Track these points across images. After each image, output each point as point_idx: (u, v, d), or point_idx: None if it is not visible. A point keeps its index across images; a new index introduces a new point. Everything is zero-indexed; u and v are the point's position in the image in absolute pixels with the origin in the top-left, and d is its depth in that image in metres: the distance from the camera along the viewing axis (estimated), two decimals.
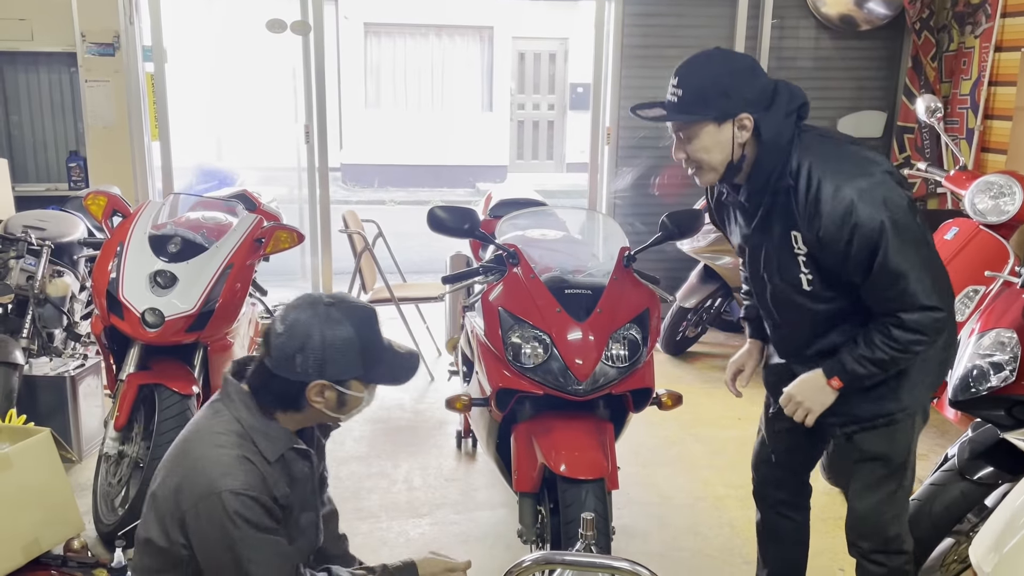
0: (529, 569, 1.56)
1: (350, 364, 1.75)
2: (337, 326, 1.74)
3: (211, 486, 1.67)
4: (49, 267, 3.72)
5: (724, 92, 1.85)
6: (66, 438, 3.41)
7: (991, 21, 4.80)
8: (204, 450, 1.73)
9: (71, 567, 2.60)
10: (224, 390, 1.82)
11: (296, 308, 1.77)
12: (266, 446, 1.76)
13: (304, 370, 1.73)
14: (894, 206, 1.82)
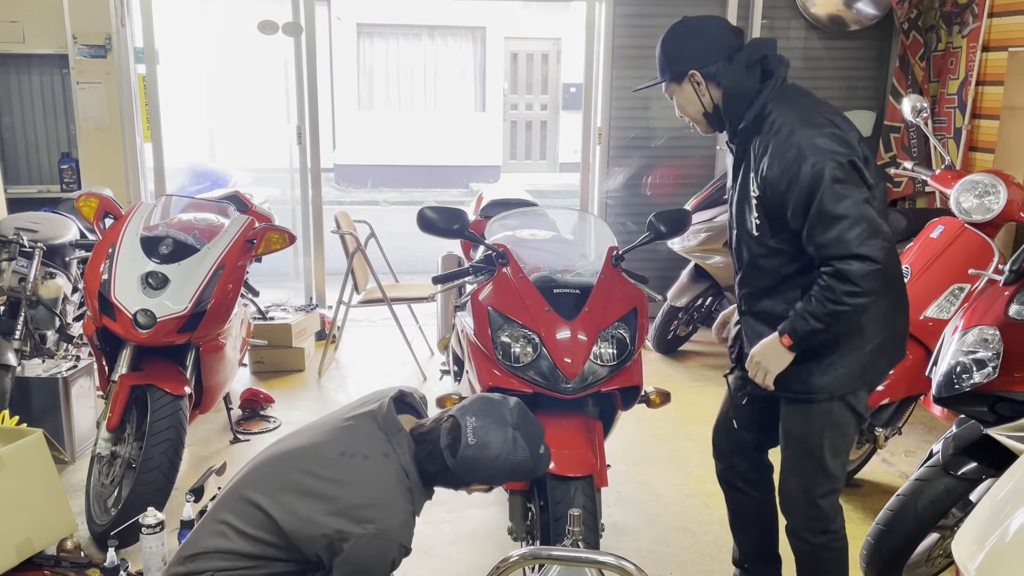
0: (516, 564, 1.59)
1: (517, 478, 2.04)
2: (522, 453, 1.94)
3: (388, 532, 1.86)
4: (41, 269, 3.72)
5: (669, 58, 2.16)
6: (59, 439, 3.42)
7: (978, 21, 4.84)
8: (387, 489, 1.91)
9: (64, 567, 2.62)
10: (392, 433, 1.98)
11: (488, 425, 1.94)
12: (419, 503, 1.98)
13: (482, 480, 1.98)
14: (839, 158, 1.96)
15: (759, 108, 2.07)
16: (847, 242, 1.94)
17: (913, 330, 3.15)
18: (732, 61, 2.08)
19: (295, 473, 1.93)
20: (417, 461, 1.96)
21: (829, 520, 2.25)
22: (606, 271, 2.57)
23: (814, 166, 1.95)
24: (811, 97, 2.14)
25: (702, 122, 2.21)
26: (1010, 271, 2.47)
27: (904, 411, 3.28)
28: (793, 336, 2.06)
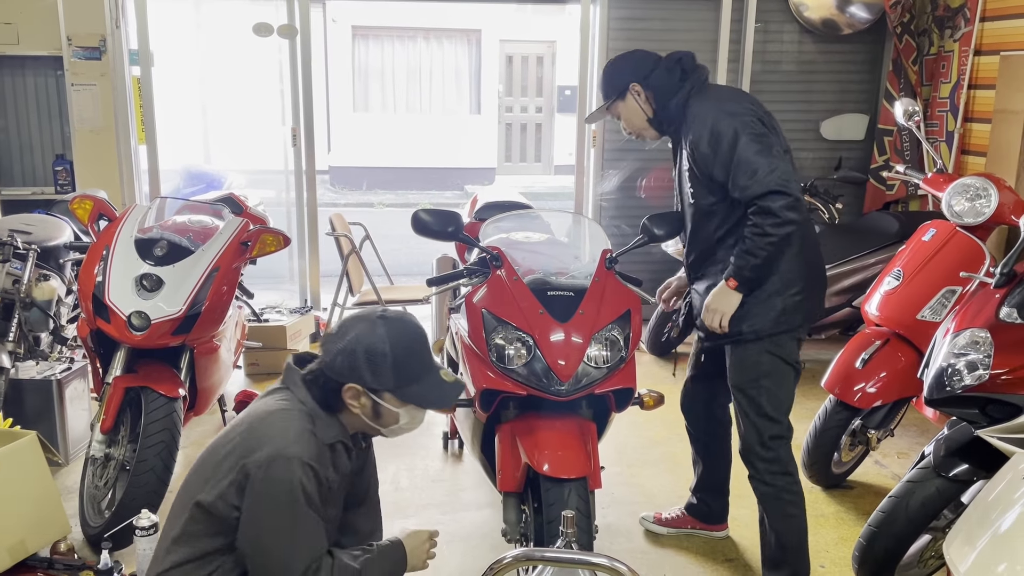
0: (509, 566, 1.59)
1: (382, 375, 1.87)
2: (377, 336, 1.87)
3: (284, 450, 1.78)
4: (35, 271, 3.72)
5: (612, 80, 2.62)
6: (52, 441, 3.42)
7: (970, 25, 4.87)
8: (275, 420, 1.85)
9: (57, 569, 2.61)
10: (288, 377, 1.96)
11: (354, 317, 1.94)
12: (323, 430, 1.89)
13: (341, 371, 1.87)
14: (747, 120, 2.41)
15: (682, 100, 2.52)
16: (765, 181, 2.34)
17: (905, 332, 3.18)
18: (657, 67, 2.56)
19: (208, 458, 1.89)
20: (311, 392, 1.92)
21: (785, 463, 2.58)
22: (600, 273, 2.58)
23: (731, 126, 2.39)
24: (726, 88, 2.66)
25: (648, 129, 2.64)
26: (1001, 274, 2.49)
27: (896, 413, 3.29)
28: (738, 277, 2.45)
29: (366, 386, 1.88)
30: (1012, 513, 1.94)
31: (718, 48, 5.41)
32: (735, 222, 2.49)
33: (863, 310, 3.38)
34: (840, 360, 3.24)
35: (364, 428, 1.97)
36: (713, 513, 3.09)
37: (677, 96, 2.52)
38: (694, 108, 2.49)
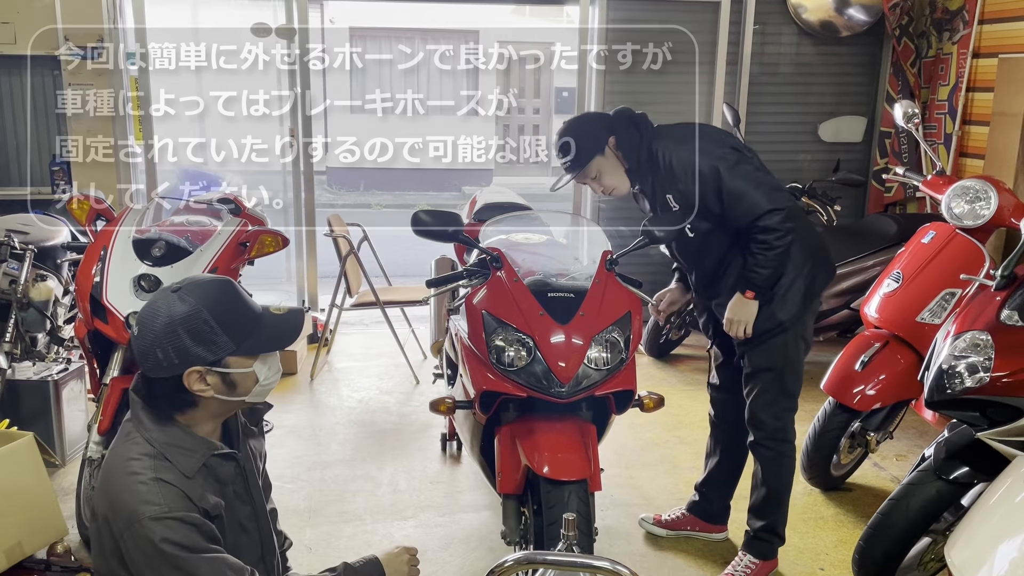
0: (511, 569, 1.58)
1: (215, 342, 1.66)
2: (187, 307, 1.64)
3: (132, 516, 1.59)
4: (32, 271, 3.70)
5: (588, 140, 2.68)
6: (49, 442, 3.40)
7: (968, 28, 4.87)
8: (121, 480, 1.64)
9: (54, 571, 2.60)
10: (132, 410, 1.73)
11: (146, 304, 1.70)
12: (182, 461, 1.67)
13: (170, 363, 1.64)
14: (720, 153, 2.57)
15: (648, 150, 2.65)
16: (758, 204, 2.52)
17: (905, 334, 3.18)
18: (616, 126, 2.68)
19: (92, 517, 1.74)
20: (150, 415, 1.70)
21: (788, 431, 2.77)
22: (600, 275, 2.58)
23: (710, 166, 2.55)
24: (678, 127, 2.73)
25: (625, 181, 2.73)
26: (1001, 276, 2.48)
27: (896, 415, 3.29)
28: (752, 287, 2.61)
29: (206, 363, 1.65)
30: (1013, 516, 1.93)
31: (716, 50, 5.41)
32: (734, 236, 2.65)
33: (862, 312, 3.38)
34: (839, 362, 3.24)
35: (225, 410, 1.77)
36: (714, 512, 3.11)
37: (642, 146, 2.66)
38: (666, 155, 2.62)
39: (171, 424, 1.70)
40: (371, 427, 4.15)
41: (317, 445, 3.91)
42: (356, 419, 4.24)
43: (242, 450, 1.85)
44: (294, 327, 1.80)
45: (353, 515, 3.29)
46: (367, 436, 4.04)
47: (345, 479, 3.58)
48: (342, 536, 3.13)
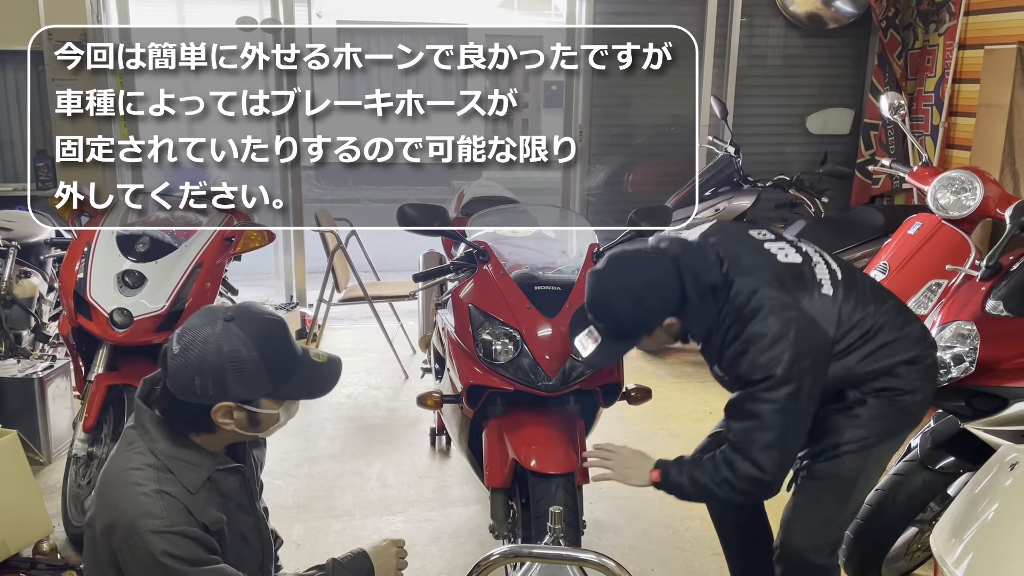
0: (497, 563, 1.58)
1: (255, 383, 1.63)
2: (237, 342, 1.60)
3: (132, 528, 1.56)
4: (16, 268, 3.68)
5: (636, 316, 2.00)
6: (35, 440, 3.38)
7: (955, 19, 4.89)
8: (121, 489, 1.61)
9: (40, 569, 2.59)
10: (137, 418, 1.70)
11: (193, 326, 1.64)
12: (187, 476, 1.65)
13: (205, 393, 1.60)
14: (777, 373, 1.89)
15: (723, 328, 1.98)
16: (751, 443, 1.93)
17: None
18: (685, 303, 1.98)
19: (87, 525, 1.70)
20: (160, 427, 1.66)
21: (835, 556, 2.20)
22: (587, 268, 2.57)
23: (756, 366, 1.91)
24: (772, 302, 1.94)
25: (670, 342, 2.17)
26: (987, 267, 2.50)
27: None
28: (664, 478, 2.10)
29: (240, 400, 1.63)
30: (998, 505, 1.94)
31: (704, 43, 5.41)
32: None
33: None
34: None
35: (235, 440, 1.73)
36: None
37: (718, 318, 1.99)
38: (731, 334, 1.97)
39: (181, 440, 1.68)
40: (360, 422, 4.14)
41: (305, 441, 3.89)
42: (345, 414, 4.23)
43: (247, 462, 1.84)
44: (331, 378, 1.78)
45: (342, 511, 3.28)
46: (356, 431, 4.03)
47: (334, 474, 3.57)
48: (331, 532, 3.12)
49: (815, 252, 2.08)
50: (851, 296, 1.99)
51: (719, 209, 4.53)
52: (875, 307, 2.02)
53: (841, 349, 1.98)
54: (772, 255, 2.02)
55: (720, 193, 4.60)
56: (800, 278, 1.98)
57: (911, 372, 2.03)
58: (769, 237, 2.10)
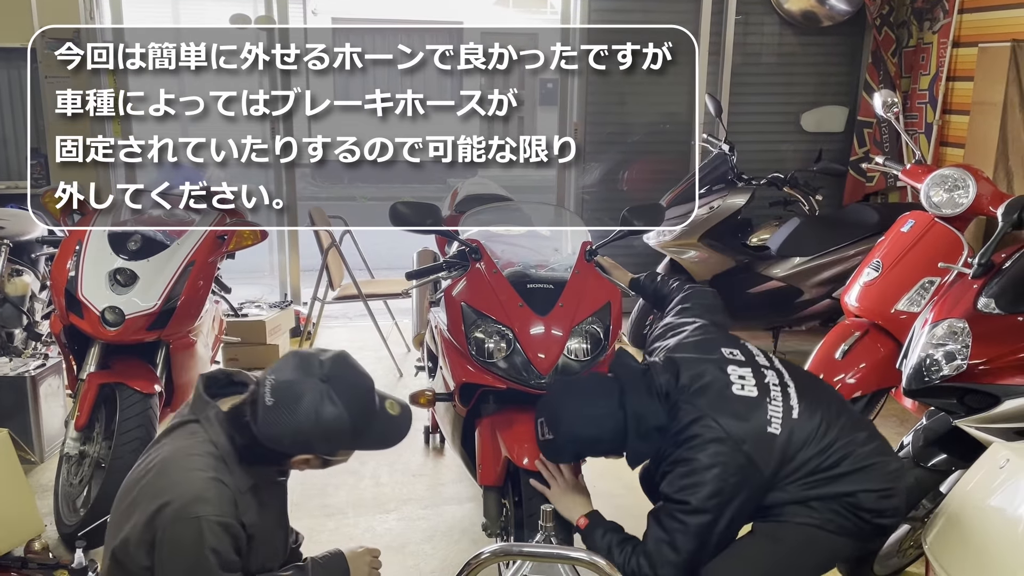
0: (488, 561, 1.58)
1: (340, 442, 1.74)
2: (332, 412, 1.67)
3: (185, 510, 1.61)
4: (8, 266, 3.66)
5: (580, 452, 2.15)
6: (26, 439, 3.37)
7: (949, 17, 4.89)
8: (181, 472, 1.67)
9: (32, 569, 2.58)
10: (201, 410, 1.76)
11: (289, 382, 1.68)
12: (239, 477, 1.72)
13: (293, 447, 1.71)
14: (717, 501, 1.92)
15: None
16: (659, 555, 1.95)
17: (884, 323, 3.19)
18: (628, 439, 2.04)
19: (122, 499, 1.76)
20: (229, 436, 1.73)
21: None
22: (580, 266, 2.57)
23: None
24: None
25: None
26: (979, 265, 2.50)
27: (876, 403, 3.30)
28: (588, 530, 2.12)
29: (321, 454, 1.74)
30: (989, 502, 1.95)
31: (698, 40, 5.40)
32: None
33: (843, 301, 3.39)
34: (820, 351, 3.25)
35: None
36: None
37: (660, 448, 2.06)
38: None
39: (237, 451, 1.74)
40: None
41: None
42: None
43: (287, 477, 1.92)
44: (401, 431, 1.88)
45: (335, 508, 3.28)
46: None
47: (327, 473, 3.54)
48: (324, 530, 3.12)
49: (778, 383, 2.03)
50: (807, 428, 1.97)
51: (714, 207, 4.53)
52: (841, 438, 1.98)
53: (786, 479, 1.96)
54: (729, 383, 2.00)
55: (715, 191, 4.59)
56: (748, 413, 1.96)
57: (877, 500, 1.98)
58: (738, 359, 2.07)
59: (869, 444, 2.01)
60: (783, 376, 2.07)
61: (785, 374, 2.08)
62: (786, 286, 4.51)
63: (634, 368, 2.11)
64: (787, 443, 1.95)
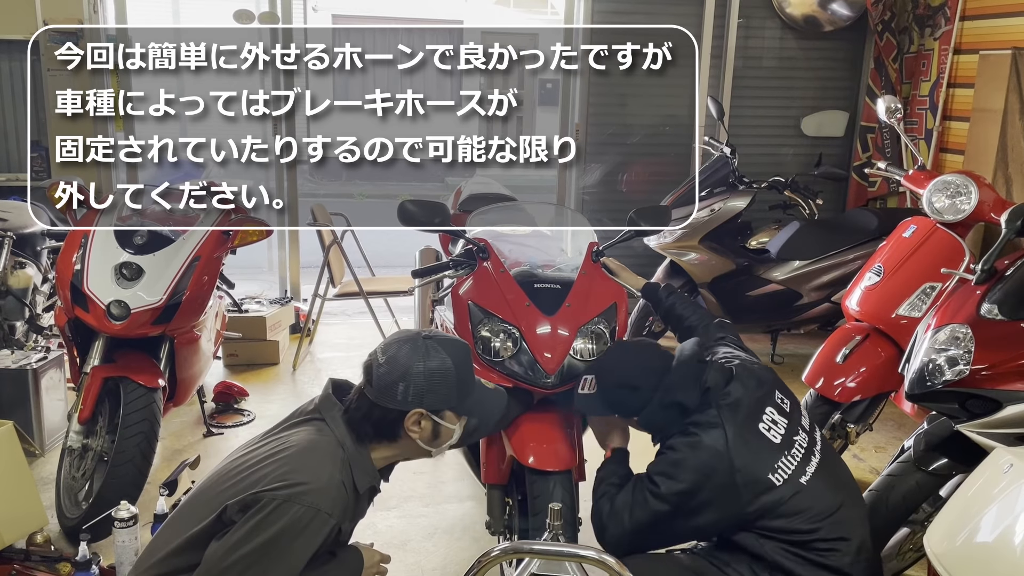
0: (498, 559, 1.59)
1: (447, 394, 1.87)
2: (437, 357, 1.86)
3: (304, 495, 1.70)
4: (11, 259, 3.66)
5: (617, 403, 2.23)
6: (28, 432, 3.37)
7: (950, 24, 4.91)
8: (317, 464, 1.78)
9: (34, 561, 2.58)
10: (326, 408, 1.90)
11: (396, 342, 1.89)
12: (359, 477, 1.84)
13: (405, 399, 1.83)
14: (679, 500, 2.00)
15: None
16: (621, 514, 2.07)
17: (885, 327, 3.21)
18: (650, 402, 2.13)
19: (241, 464, 1.84)
20: (350, 425, 1.87)
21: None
22: (586, 266, 2.58)
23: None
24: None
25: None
26: (982, 270, 2.51)
27: (875, 408, 3.32)
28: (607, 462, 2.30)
29: (431, 408, 1.86)
30: (992, 507, 1.96)
31: (701, 44, 5.42)
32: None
33: (844, 305, 3.41)
34: (821, 354, 3.27)
35: (410, 454, 1.94)
36: None
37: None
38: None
39: (361, 445, 1.87)
40: None
41: None
42: None
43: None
44: (500, 404, 2.06)
45: None
46: None
47: None
48: None
49: (805, 446, 2.04)
50: (807, 499, 1.98)
51: (714, 209, 4.55)
52: (834, 532, 1.99)
53: (765, 531, 1.99)
54: (760, 419, 2.03)
55: (715, 193, 4.61)
56: (760, 452, 1.99)
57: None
58: (783, 408, 2.10)
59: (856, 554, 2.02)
60: (814, 446, 2.09)
61: (817, 445, 2.10)
62: (785, 289, 4.53)
63: (694, 353, 2.17)
64: (780, 500, 1.97)
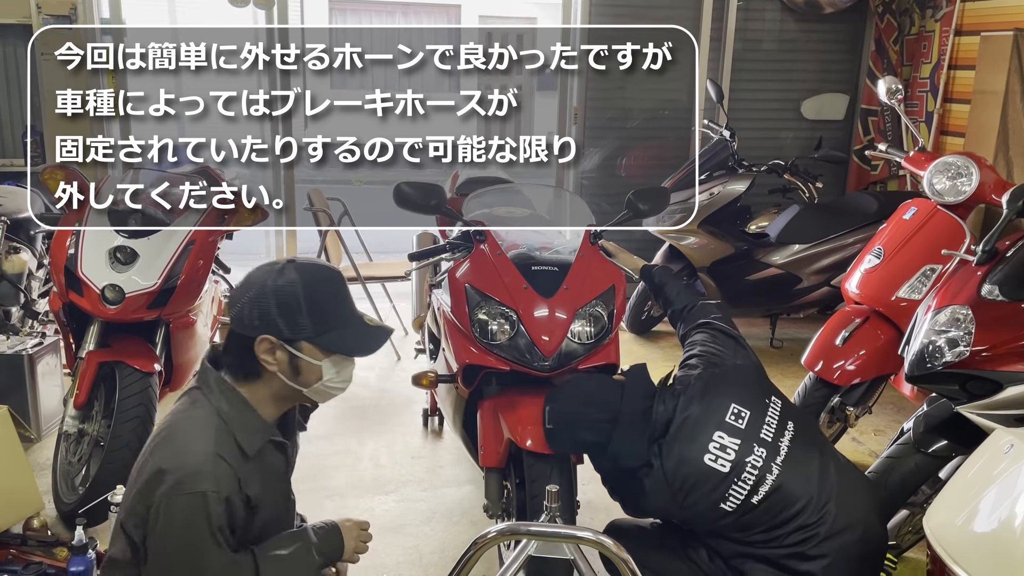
0: (495, 539, 1.58)
1: (297, 323, 1.68)
2: (285, 280, 1.69)
3: (181, 484, 1.59)
4: (5, 243, 3.64)
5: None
6: (24, 417, 3.36)
7: (951, 5, 4.88)
8: (184, 442, 1.65)
9: (31, 546, 2.57)
10: (202, 377, 1.75)
11: (259, 266, 1.76)
12: (245, 439, 1.69)
13: (251, 322, 1.68)
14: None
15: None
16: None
17: (885, 310, 3.19)
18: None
19: (134, 471, 1.73)
20: (221, 385, 1.72)
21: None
22: (584, 249, 2.56)
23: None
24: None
25: None
26: (983, 251, 2.50)
27: (875, 390, 3.32)
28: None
29: (281, 337, 1.67)
30: (991, 489, 1.95)
31: (700, 26, 5.37)
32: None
33: (843, 288, 3.40)
34: (820, 337, 3.25)
35: (284, 396, 1.76)
36: None
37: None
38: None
39: (236, 395, 1.72)
40: (352, 402, 4.12)
41: None
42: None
43: (292, 443, 1.90)
44: (377, 340, 1.82)
45: (334, 490, 3.28)
46: (348, 411, 4.02)
47: (326, 454, 3.57)
48: (323, 511, 3.11)
49: (760, 463, 1.99)
50: (765, 517, 1.99)
51: (714, 193, 4.52)
52: (806, 527, 1.98)
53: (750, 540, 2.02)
54: (705, 450, 2.00)
55: (715, 177, 4.59)
56: (704, 488, 1.99)
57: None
58: (735, 426, 2.03)
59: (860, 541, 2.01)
60: (776, 455, 2.01)
61: (781, 454, 2.02)
62: (784, 273, 4.52)
63: (640, 393, 2.13)
64: (736, 521, 1.99)
